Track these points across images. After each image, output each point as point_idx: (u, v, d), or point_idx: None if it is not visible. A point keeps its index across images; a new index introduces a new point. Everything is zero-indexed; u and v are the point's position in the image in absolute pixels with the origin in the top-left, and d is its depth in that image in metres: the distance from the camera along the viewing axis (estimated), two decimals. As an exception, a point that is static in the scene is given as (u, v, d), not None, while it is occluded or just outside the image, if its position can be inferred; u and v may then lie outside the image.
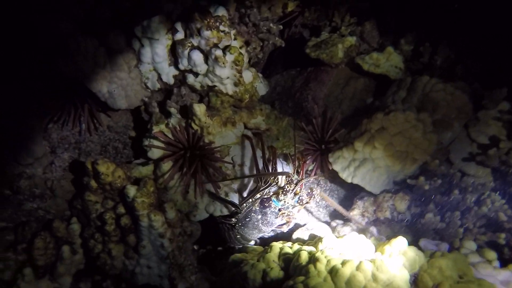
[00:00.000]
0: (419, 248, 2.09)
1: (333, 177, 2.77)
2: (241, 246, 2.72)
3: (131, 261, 2.49)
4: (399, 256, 1.75)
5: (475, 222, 2.08)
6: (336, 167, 2.63)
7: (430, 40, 2.80)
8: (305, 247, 2.02)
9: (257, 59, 2.88)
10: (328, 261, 1.68)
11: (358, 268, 1.59)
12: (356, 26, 3.05)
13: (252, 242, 2.78)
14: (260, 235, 2.66)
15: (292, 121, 2.87)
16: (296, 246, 2.12)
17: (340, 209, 2.36)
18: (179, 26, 2.31)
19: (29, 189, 2.48)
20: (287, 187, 2.35)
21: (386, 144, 2.37)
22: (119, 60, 2.28)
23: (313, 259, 1.77)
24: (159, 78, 2.42)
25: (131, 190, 2.28)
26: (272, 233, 2.75)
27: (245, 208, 2.55)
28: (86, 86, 2.25)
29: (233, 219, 2.61)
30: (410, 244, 2.21)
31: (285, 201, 2.39)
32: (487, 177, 2.35)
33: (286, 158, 2.86)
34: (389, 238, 2.26)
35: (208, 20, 2.15)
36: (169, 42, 2.33)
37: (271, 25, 2.72)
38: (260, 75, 2.83)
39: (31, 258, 2.38)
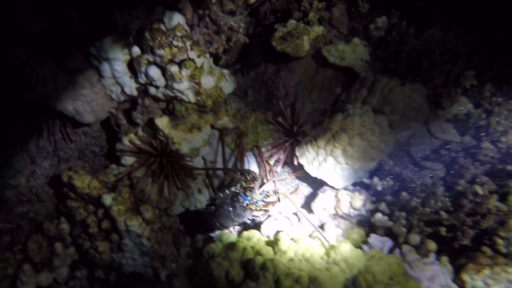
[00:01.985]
0: (368, 243, 2.39)
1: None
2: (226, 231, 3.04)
3: (117, 254, 2.85)
4: (341, 262, 2.03)
5: (419, 219, 2.32)
6: (302, 161, 2.82)
7: (400, 28, 2.78)
8: (263, 249, 2.31)
9: (224, 58, 2.91)
10: (275, 271, 1.97)
11: (297, 280, 1.87)
12: (325, 11, 3.00)
13: (231, 228, 3.11)
14: (235, 223, 2.97)
15: (260, 116, 3.00)
16: (257, 246, 2.41)
17: (300, 210, 2.61)
18: (134, 41, 2.35)
19: (16, 197, 2.76)
20: (252, 184, 2.59)
21: (345, 145, 2.53)
22: (80, 79, 2.38)
23: (264, 266, 2.06)
24: (122, 90, 2.53)
25: (107, 200, 2.55)
26: (250, 221, 3.04)
27: (218, 202, 2.84)
28: (52, 106, 2.39)
29: (212, 209, 2.91)
30: (364, 236, 2.51)
31: (252, 197, 2.64)
32: (441, 172, 2.53)
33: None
34: (346, 231, 2.55)
35: (159, 39, 2.19)
36: (127, 57, 2.40)
37: (232, 23, 2.71)
38: (227, 72, 2.89)
39: (28, 257, 2.76)
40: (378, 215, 2.38)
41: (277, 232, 2.59)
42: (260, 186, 2.65)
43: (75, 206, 2.71)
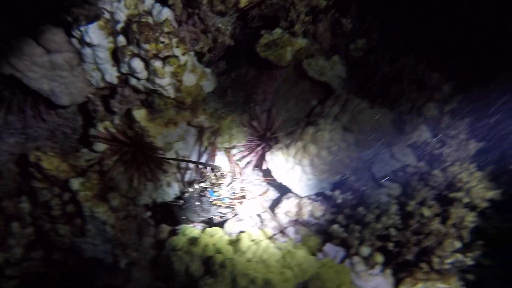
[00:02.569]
0: (323, 251, 2.58)
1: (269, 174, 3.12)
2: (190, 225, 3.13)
3: (79, 238, 2.87)
4: (295, 266, 2.20)
5: (371, 233, 2.53)
6: (271, 166, 2.97)
7: (377, 52, 2.97)
8: (224, 247, 2.43)
9: (208, 55, 2.98)
10: (233, 270, 2.10)
11: (252, 280, 2.02)
12: (311, 25, 3.13)
13: (198, 223, 3.20)
14: (202, 218, 3.07)
15: (236, 118, 3.10)
16: (219, 244, 2.53)
17: (268, 211, 2.76)
18: (120, 30, 2.37)
19: (-24, 172, 2.71)
20: (220, 181, 2.71)
21: (313, 157, 2.70)
22: (59, 60, 2.37)
23: (223, 264, 2.19)
24: (103, 77, 2.54)
25: (75, 184, 2.57)
26: (218, 218, 3.15)
27: (187, 195, 2.93)
28: (26, 84, 2.37)
29: (179, 202, 3.00)
30: (320, 244, 2.69)
31: (219, 194, 2.76)
32: (396, 191, 2.76)
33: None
34: (304, 237, 2.73)
35: (146, 33, 2.23)
36: (111, 46, 2.41)
37: (220, 24, 2.78)
38: (209, 70, 2.96)
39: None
40: (335, 226, 2.57)
41: (240, 232, 2.73)
42: (228, 184, 2.77)
43: (39, 186, 2.71)
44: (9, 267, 2.92)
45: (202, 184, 2.84)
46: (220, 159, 3.07)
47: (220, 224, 3.02)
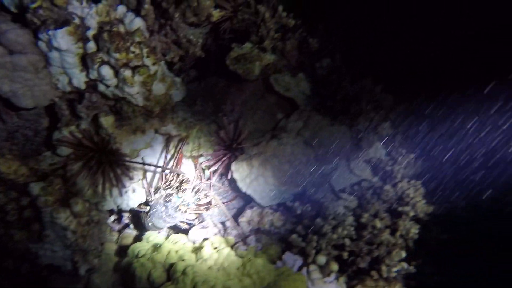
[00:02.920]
0: (282, 259, 2.70)
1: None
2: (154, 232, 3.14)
3: (35, 245, 2.80)
4: (254, 274, 2.30)
5: (328, 243, 2.70)
6: (236, 176, 3.06)
7: (340, 71, 3.17)
8: (186, 255, 2.49)
9: (179, 64, 3.04)
10: (194, 277, 2.17)
11: (212, 287, 2.10)
12: (280, 42, 3.29)
13: (164, 230, 3.21)
14: (168, 224, 3.08)
15: (204, 127, 3.18)
16: (181, 251, 2.58)
17: (231, 219, 2.85)
18: (91, 37, 2.38)
19: None
20: (185, 185, 2.77)
21: (275, 169, 2.83)
22: (23, 61, 2.33)
23: (184, 271, 2.25)
24: (70, 81, 2.53)
25: (35, 189, 2.52)
26: (184, 225, 3.17)
27: (153, 201, 2.95)
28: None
29: (146, 209, 3.01)
30: (280, 252, 2.81)
31: (184, 199, 2.81)
32: (353, 203, 2.96)
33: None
34: (265, 246, 2.84)
35: (117, 42, 2.27)
36: (80, 51, 2.41)
37: (191, 37, 2.86)
38: (178, 80, 3.02)
39: None
40: (294, 236, 2.71)
41: (204, 239, 2.79)
42: (193, 189, 2.84)
43: (-5, 190, 2.62)
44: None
45: (168, 190, 2.89)
46: (187, 167, 3.13)
47: (185, 231, 3.07)
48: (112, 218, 3.40)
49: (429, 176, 2.78)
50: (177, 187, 2.86)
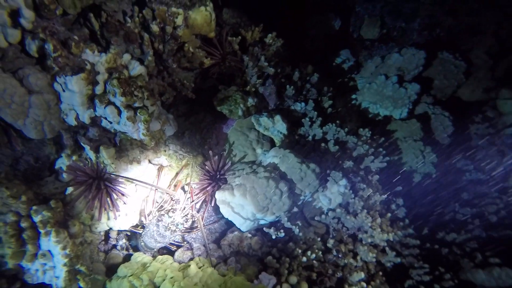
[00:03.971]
0: (258, 278, 3.07)
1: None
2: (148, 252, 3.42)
3: (28, 264, 3.04)
4: (233, 291, 2.66)
5: (299, 265, 3.10)
6: (219, 203, 3.45)
7: (312, 115, 3.69)
8: (174, 273, 2.82)
9: (171, 100, 3.47)
10: (181, 293, 2.51)
11: (198, 302, 2.44)
12: (261, 86, 3.81)
13: (155, 250, 3.50)
14: (159, 245, 3.38)
15: (191, 160, 3.58)
16: (170, 269, 2.91)
17: (206, 244, 3.22)
18: (101, 80, 2.79)
19: None
20: (175, 206, 3.14)
21: (254, 198, 3.25)
22: (39, 100, 2.70)
23: (173, 286, 2.58)
24: (77, 117, 2.90)
25: (38, 212, 2.80)
26: (174, 247, 3.47)
27: (145, 223, 3.28)
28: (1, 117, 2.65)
29: (140, 230, 3.33)
30: (257, 272, 3.17)
31: (174, 218, 3.16)
32: (322, 230, 3.39)
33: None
34: (243, 266, 3.20)
35: (124, 88, 2.69)
36: (89, 92, 2.81)
37: (185, 81, 3.32)
38: (171, 117, 3.44)
39: None
40: (269, 258, 3.11)
41: (190, 259, 3.13)
42: (182, 211, 3.21)
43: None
44: None
45: (161, 212, 3.24)
46: (177, 193, 3.49)
47: (171, 253, 3.39)
48: (101, 239, 3.67)
49: (387, 208, 3.28)
50: (167, 210, 3.23)
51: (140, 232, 3.23)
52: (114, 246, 3.64)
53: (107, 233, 3.59)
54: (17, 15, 2.50)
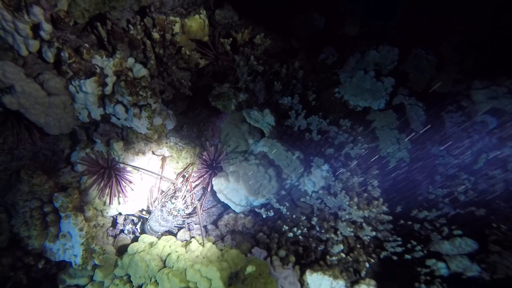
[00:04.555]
0: (251, 252, 3.56)
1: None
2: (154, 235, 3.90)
3: (50, 244, 3.51)
4: (230, 261, 3.15)
5: (286, 240, 3.60)
6: (216, 188, 3.93)
7: (297, 108, 4.16)
8: (178, 249, 3.30)
9: (170, 98, 3.92)
10: (185, 262, 2.99)
11: (199, 269, 2.93)
12: (251, 83, 4.26)
13: (159, 233, 3.97)
14: (163, 228, 3.86)
15: (190, 150, 4.04)
16: (174, 246, 3.39)
17: (201, 224, 3.71)
18: (109, 82, 3.23)
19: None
20: (177, 193, 3.61)
21: (246, 183, 3.73)
22: (57, 101, 3.14)
23: (178, 259, 3.07)
24: (89, 114, 3.34)
25: (58, 197, 3.27)
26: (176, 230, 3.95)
27: (151, 209, 3.76)
28: (25, 116, 3.08)
29: (144, 215, 3.80)
30: (250, 247, 3.66)
31: (176, 204, 3.63)
32: (308, 210, 3.89)
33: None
34: (238, 243, 3.69)
35: (131, 89, 3.13)
36: (99, 93, 3.25)
37: (183, 80, 3.76)
38: (171, 112, 3.89)
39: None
40: (261, 234, 3.60)
41: (191, 237, 3.62)
42: (183, 198, 3.68)
43: (23, 199, 3.35)
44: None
45: (164, 199, 3.71)
46: (178, 181, 3.96)
47: (175, 235, 3.88)
48: (109, 225, 4.15)
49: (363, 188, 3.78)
50: (170, 196, 3.70)
51: (147, 217, 3.71)
52: (122, 231, 4.12)
53: (114, 220, 4.06)
54: (38, 28, 2.92)
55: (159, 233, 3.83)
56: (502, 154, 4.84)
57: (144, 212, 3.74)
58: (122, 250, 3.88)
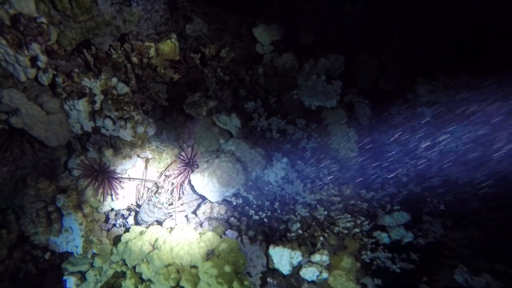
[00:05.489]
0: (225, 234, 4.40)
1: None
2: (144, 225, 4.66)
3: (55, 238, 4.25)
4: (206, 241, 3.98)
5: (254, 222, 4.44)
6: (193, 183, 4.73)
7: (260, 111, 4.98)
8: (164, 234, 4.10)
9: (151, 108, 4.66)
10: (170, 244, 3.79)
11: (182, 247, 3.74)
12: (219, 91, 5.04)
13: (149, 223, 4.74)
14: (151, 219, 4.62)
15: (170, 151, 4.81)
16: (161, 232, 4.18)
17: (175, 215, 4.51)
18: (98, 100, 3.95)
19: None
20: (159, 189, 4.39)
21: (218, 177, 4.54)
22: (54, 118, 3.85)
23: (164, 241, 3.87)
24: (82, 127, 4.06)
25: (61, 199, 4.00)
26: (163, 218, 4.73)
27: (140, 202, 4.53)
28: (29, 132, 3.79)
29: (135, 207, 4.57)
30: (224, 230, 4.48)
31: (159, 199, 4.42)
32: (272, 196, 4.74)
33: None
34: (214, 228, 4.52)
35: (117, 105, 3.87)
36: (90, 109, 3.97)
37: (160, 93, 4.51)
38: (151, 120, 4.64)
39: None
40: (232, 219, 4.43)
41: (175, 225, 4.42)
42: (166, 192, 4.47)
43: (29, 202, 4.06)
44: (-5, 264, 4.16)
45: (150, 194, 4.49)
46: (160, 179, 4.74)
47: (161, 224, 4.66)
48: (103, 219, 4.89)
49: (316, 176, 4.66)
50: (154, 192, 4.48)
51: (137, 210, 4.48)
52: (114, 225, 4.87)
53: (107, 216, 4.80)
54: (35, 59, 3.61)
55: (149, 223, 4.61)
56: (438, 140, 5.81)
57: (133, 206, 4.51)
58: (115, 240, 4.65)
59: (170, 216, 4.64)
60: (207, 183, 4.61)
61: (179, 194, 4.83)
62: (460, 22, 5.27)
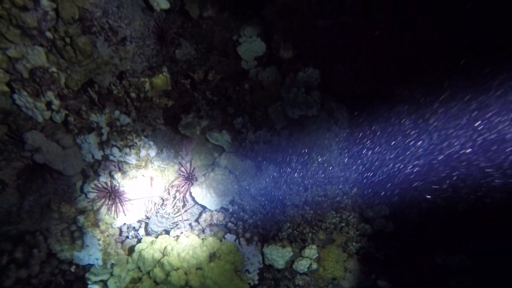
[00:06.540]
0: (224, 238, 5.15)
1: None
2: (154, 234, 5.42)
3: (78, 253, 5.02)
4: (208, 245, 4.73)
5: (250, 225, 5.19)
6: (194, 194, 5.48)
7: (248, 126, 5.70)
8: (171, 242, 4.85)
9: (151, 132, 5.41)
10: (177, 250, 4.55)
11: (187, 251, 4.49)
12: (210, 110, 5.77)
13: (158, 233, 5.49)
14: (160, 229, 5.38)
15: (170, 168, 5.56)
16: (169, 240, 4.94)
17: (183, 222, 5.26)
18: (104, 132, 4.70)
19: (6, 218, 4.73)
20: (164, 202, 5.15)
21: (215, 188, 5.28)
22: (69, 152, 4.61)
23: (172, 248, 4.63)
24: (93, 156, 4.82)
25: (81, 219, 4.76)
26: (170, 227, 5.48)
27: (149, 215, 5.29)
28: (49, 165, 4.55)
29: (147, 220, 5.34)
30: (223, 234, 5.25)
31: (166, 210, 5.17)
32: (264, 202, 5.48)
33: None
34: (215, 233, 5.28)
35: (121, 136, 4.61)
36: (98, 140, 4.72)
37: (157, 120, 5.26)
38: (152, 143, 5.38)
39: (13, 259, 4.73)
40: (230, 224, 5.18)
41: (181, 233, 5.18)
42: (171, 203, 5.22)
43: (54, 224, 4.83)
44: (31, 278, 4.94)
45: (157, 207, 5.25)
46: (165, 193, 5.49)
47: (168, 233, 5.42)
48: (117, 233, 5.65)
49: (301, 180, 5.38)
50: (161, 204, 5.24)
51: (147, 221, 5.25)
52: (127, 237, 5.63)
53: (120, 230, 5.56)
54: (50, 104, 4.36)
55: (158, 232, 5.37)
56: (411, 139, 6.48)
57: (143, 218, 5.27)
58: (130, 250, 5.41)
59: (176, 225, 5.40)
60: (206, 194, 5.36)
61: (183, 204, 5.58)
62: (422, 30, 5.94)
